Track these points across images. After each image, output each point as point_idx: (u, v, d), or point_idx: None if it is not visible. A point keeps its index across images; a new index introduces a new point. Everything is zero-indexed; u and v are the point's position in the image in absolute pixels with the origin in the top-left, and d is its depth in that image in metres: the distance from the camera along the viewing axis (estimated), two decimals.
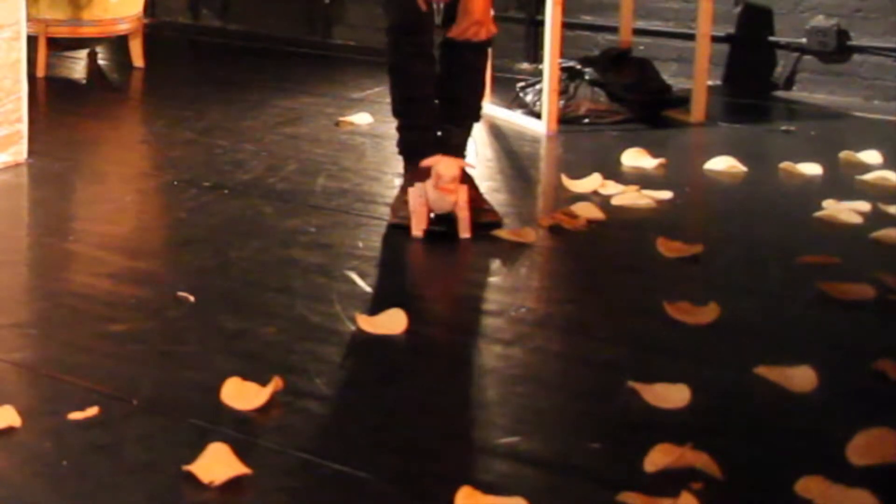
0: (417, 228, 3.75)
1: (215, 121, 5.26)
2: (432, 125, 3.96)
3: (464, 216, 3.76)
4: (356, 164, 4.62)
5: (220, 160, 4.67)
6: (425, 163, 3.75)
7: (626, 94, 5.27)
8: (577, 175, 4.37)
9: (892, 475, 2.46)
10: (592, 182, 4.32)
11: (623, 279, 3.58)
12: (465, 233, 3.76)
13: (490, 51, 4.11)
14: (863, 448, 2.51)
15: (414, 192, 3.76)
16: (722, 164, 4.60)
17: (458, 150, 3.96)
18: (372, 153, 4.76)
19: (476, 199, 3.87)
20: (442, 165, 3.74)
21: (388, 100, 4.01)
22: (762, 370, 2.88)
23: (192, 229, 3.94)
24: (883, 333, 3.20)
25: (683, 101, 5.31)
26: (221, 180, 4.41)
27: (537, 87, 5.27)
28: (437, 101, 3.97)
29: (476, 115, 4.04)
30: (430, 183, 3.73)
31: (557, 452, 2.58)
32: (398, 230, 3.80)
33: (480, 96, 4.06)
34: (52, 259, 3.71)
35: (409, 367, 3.00)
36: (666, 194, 4.23)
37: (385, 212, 3.98)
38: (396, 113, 3.98)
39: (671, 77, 5.77)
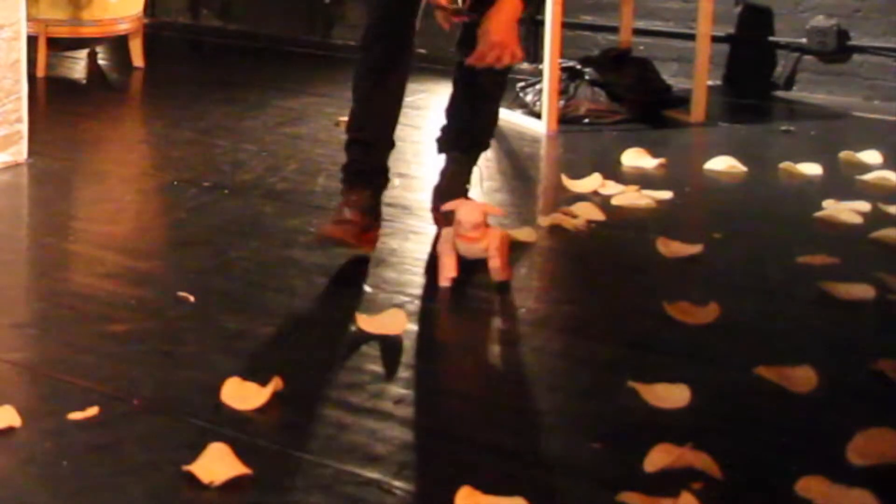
0: (444, 278, 3.39)
1: (215, 121, 5.26)
2: (388, 148, 3.63)
3: (494, 265, 3.40)
4: None
5: (220, 160, 4.67)
6: (446, 207, 3.48)
7: (626, 94, 5.27)
8: (577, 175, 4.37)
9: (892, 475, 2.46)
10: (592, 182, 4.32)
11: (623, 279, 3.58)
12: (498, 277, 3.41)
13: (507, 78, 3.83)
14: (863, 448, 2.51)
15: (442, 238, 3.46)
16: (722, 164, 4.60)
17: (461, 179, 3.78)
18: None
19: None
20: (463, 211, 3.38)
21: None
22: (762, 370, 2.88)
23: (192, 229, 3.94)
24: (883, 333, 3.20)
25: (683, 101, 5.32)
26: (221, 180, 4.41)
27: (537, 87, 5.27)
28: (445, 124, 3.83)
29: (485, 145, 3.86)
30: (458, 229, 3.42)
31: (557, 452, 2.58)
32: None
33: (493, 126, 3.83)
34: (52, 259, 3.71)
35: (409, 367, 3.00)
36: (666, 194, 4.23)
37: (386, 212, 3.97)
38: (353, 126, 3.61)
39: (671, 77, 5.77)
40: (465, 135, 3.80)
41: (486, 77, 3.62)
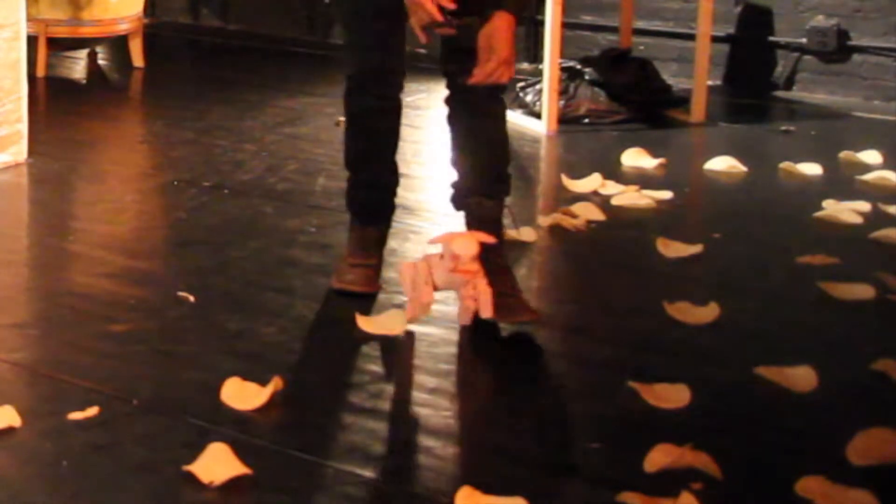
0: (413, 314, 3.15)
1: (215, 121, 5.26)
2: (394, 185, 3.44)
3: (485, 297, 3.05)
4: None
5: (220, 160, 4.67)
6: (435, 240, 3.14)
7: (626, 94, 5.27)
8: (577, 175, 4.37)
9: (892, 475, 2.46)
10: (592, 182, 4.32)
11: (623, 279, 3.58)
12: (486, 312, 3.06)
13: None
14: (863, 448, 2.51)
15: (409, 272, 3.16)
16: (722, 164, 4.60)
17: (494, 227, 3.24)
18: None
19: (506, 284, 3.18)
20: (458, 244, 3.03)
21: None
22: (762, 370, 2.88)
23: (192, 229, 3.94)
24: (883, 333, 3.20)
25: (683, 101, 5.32)
26: (221, 180, 4.41)
27: (537, 87, 5.27)
28: (455, 170, 3.35)
29: (506, 180, 3.32)
30: (434, 259, 3.12)
31: (557, 452, 2.58)
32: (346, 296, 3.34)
33: (506, 156, 3.35)
34: (52, 259, 3.71)
35: (409, 367, 2.99)
36: (666, 194, 4.23)
37: None
38: (352, 168, 3.44)
39: (671, 77, 5.76)
40: (484, 175, 3.29)
41: (485, 100, 3.29)
